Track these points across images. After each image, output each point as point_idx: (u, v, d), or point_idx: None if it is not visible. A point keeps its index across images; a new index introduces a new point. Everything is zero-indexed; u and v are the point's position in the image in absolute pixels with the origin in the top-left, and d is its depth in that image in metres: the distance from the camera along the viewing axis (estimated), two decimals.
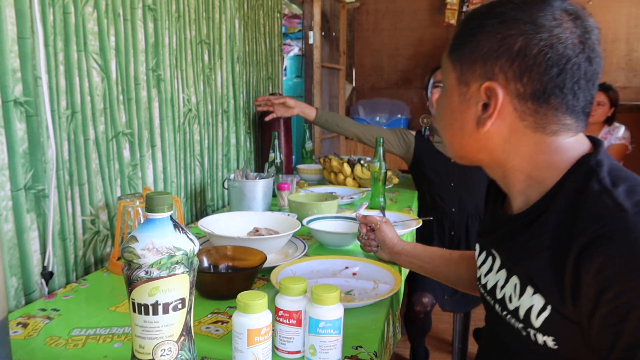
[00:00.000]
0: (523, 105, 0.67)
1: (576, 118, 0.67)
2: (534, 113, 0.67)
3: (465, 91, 0.71)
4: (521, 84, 0.65)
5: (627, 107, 3.80)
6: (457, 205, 2.07)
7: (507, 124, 0.69)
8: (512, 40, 0.65)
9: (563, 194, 0.66)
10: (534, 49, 0.63)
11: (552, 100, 0.65)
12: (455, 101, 0.72)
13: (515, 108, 0.67)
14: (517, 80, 0.65)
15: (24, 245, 0.99)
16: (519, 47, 0.64)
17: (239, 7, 1.98)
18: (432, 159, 2.08)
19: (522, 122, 0.68)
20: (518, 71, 0.65)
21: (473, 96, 0.70)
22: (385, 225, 1.22)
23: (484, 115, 0.69)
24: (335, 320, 0.74)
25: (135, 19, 1.31)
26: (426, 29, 4.50)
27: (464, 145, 0.75)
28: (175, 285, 0.65)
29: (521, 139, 0.69)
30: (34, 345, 0.81)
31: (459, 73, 0.71)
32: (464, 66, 0.70)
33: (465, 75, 0.70)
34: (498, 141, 0.70)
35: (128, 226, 1.17)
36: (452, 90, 0.73)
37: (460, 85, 0.71)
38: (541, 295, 0.65)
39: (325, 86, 3.66)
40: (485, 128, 0.69)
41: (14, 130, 0.96)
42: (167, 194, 0.66)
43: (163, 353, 0.65)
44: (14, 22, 0.95)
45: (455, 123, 0.74)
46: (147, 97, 1.38)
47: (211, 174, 1.82)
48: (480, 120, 0.70)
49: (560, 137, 0.68)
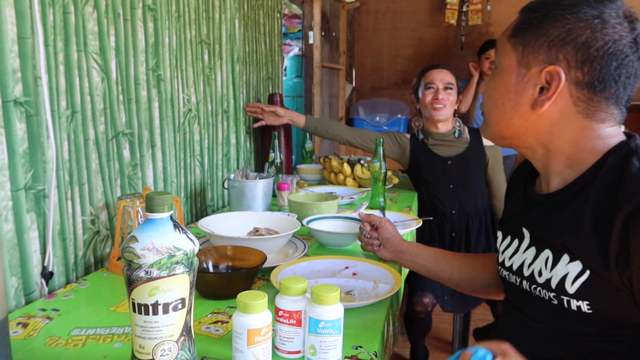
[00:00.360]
0: (579, 92, 0.73)
1: (620, 109, 0.75)
2: (587, 100, 0.73)
3: (524, 73, 0.76)
4: (581, 72, 0.71)
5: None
6: (457, 207, 2.07)
7: (560, 108, 0.74)
8: (579, 32, 0.70)
9: (604, 171, 0.71)
10: (599, 42, 0.70)
11: (606, 91, 0.72)
12: (512, 82, 0.77)
13: (571, 94, 0.73)
14: (578, 68, 0.71)
15: (24, 245, 0.99)
16: (586, 38, 0.70)
17: (239, 7, 1.98)
18: (429, 161, 2.07)
19: (575, 108, 0.74)
20: (581, 60, 0.71)
21: (532, 78, 0.75)
22: (389, 223, 1.22)
23: (541, 98, 0.74)
24: (335, 320, 0.74)
25: (135, 19, 1.31)
26: (426, 29, 4.50)
27: (512, 124, 0.79)
28: (175, 285, 0.65)
29: (570, 123, 0.75)
30: (34, 345, 0.81)
31: (520, 55, 0.76)
32: (527, 49, 0.75)
33: (528, 58, 0.75)
34: (547, 123, 0.76)
35: (128, 226, 1.17)
36: (509, 71, 0.78)
37: (519, 67, 0.76)
38: (580, 262, 0.70)
39: (325, 86, 3.66)
40: (541, 109, 0.75)
41: (14, 130, 0.96)
42: (167, 194, 0.66)
43: (163, 353, 0.65)
44: (14, 22, 0.95)
45: (509, 103, 0.78)
46: (147, 97, 1.38)
47: (211, 174, 1.82)
48: (537, 102, 0.75)
49: (605, 124, 0.75)
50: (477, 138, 2.07)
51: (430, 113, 2.04)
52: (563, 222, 0.74)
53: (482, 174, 2.10)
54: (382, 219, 1.23)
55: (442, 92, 2.01)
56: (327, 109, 3.80)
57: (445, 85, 2.02)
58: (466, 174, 2.05)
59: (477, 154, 2.06)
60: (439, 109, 2.01)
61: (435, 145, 2.08)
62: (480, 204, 2.09)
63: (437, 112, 2.01)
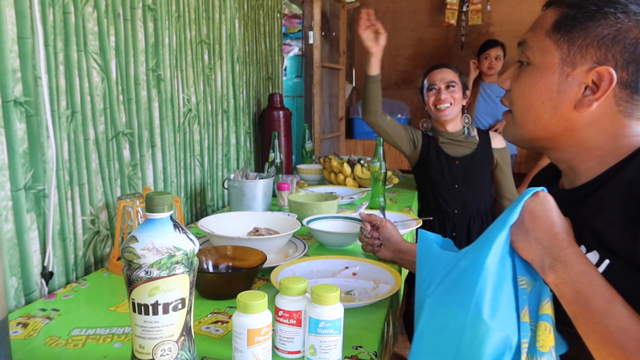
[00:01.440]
0: (622, 92, 0.71)
1: None
2: (630, 99, 0.72)
3: (569, 72, 0.73)
4: (627, 72, 0.70)
5: None
6: (459, 207, 2.07)
7: (601, 108, 0.72)
8: (629, 31, 0.69)
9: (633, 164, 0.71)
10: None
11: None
12: (554, 80, 0.74)
13: (615, 94, 0.71)
14: (624, 68, 0.70)
15: (24, 245, 0.99)
16: (634, 37, 0.69)
17: (239, 7, 1.98)
18: (438, 160, 2.07)
19: (617, 107, 0.72)
20: (628, 60, 0.69)
21: (577, 77, 0.72)
22: (389, 223, 1.22)
23: (587, 98, 0.72)
24: (335, 320, 0.74)
25: (135, 19, 1.31)
26: (426, 29, 4.50)
27: (550, 125, 0.76)
28: (175, 285, 0.65)
29: (610, 122, 0.73)
30: (34, 345, 0.81)
31: (566, 53, 0.73)
32: (573, 47, 0.72)
33: (574, 56, 0.72)
34: (585, 122, 0.74)
35: (128, 226, 1.17)
36: (551, 69, 0.74)
37: (564, 66, 0.73)
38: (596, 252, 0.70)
39: (325, 86, 3.66)
40: (588, 110, 0.72)
41: (14, 130, 0.96)
42: (167, 194, 0.66)
43: (163, 353, 0.65)
44: (14, 22, 0.95)
45: (549, 102, 0.75)
46: (147, 97, 1.38)
47: (211, 174, 1.82)
48: (583, 102, 0.72)
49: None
50: (486, 140, 2.07)
51: (436, 114, 2.04)
52: (583, 211, 0.73)
53: (488, 176, 2.10)
54: (382, 219, 1.23)
55: (444, 92, 2.01)
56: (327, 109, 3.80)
57: (447, 84, 2.02)
58: (472, 175, 2.05)
59: (485, 156, 2.06)
60: (443, 110, 2.01)
61: (445, 143, 2.08)
62: (483, 205, 2.09)
63: (442, 113, 2.02)
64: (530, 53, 0.77)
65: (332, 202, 1.62)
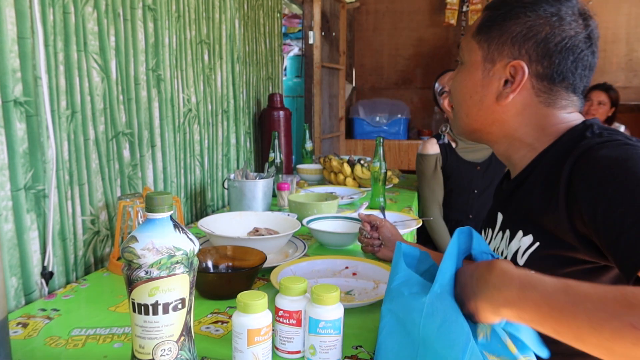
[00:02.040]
0: (540, 84, 0.78)
1: (579, 97, 0.80)
2: (548, 90, 0.78)
3: (490, 68, 0.80)
4: (542, 65, 0.76)
5: (627, 107, 3.80)
6: (474, 212, 2.06)
7: (523, 100, 0.79)
8: (540, 28, 0.75)
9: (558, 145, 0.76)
10: (557, 38, 0.75)
11: (565, 82, 0.77)
12: (478, 76, 0.81)
13: (533, 86, 0.78)
14: (539, 62, 0.76)
15: (24, 245, 0.99)
16: (545, 34, 0.75)
17: (239, 7, 1.98)
18: (458, 169, 2.05)
19: (537, 98, 0.79)
20: (541, 54, 0.76)
21: (497, 72, 0.79)
22: (388, 223, 1.23)
23: (505, 90, 0.79)
24: (335, 320, 0.74)
25: (135, 19, 1.31)
26: (426, 29, 4.50)
27: (479, 117, 0.83)
28: (175, 285, 0.65)
29: (533, 112, 0.79)
30: (34, 345, 0.81)
31: (486, 52, 0.80)
32: (492, 46, 0.79)
33: (492, 54, 0.79)
34: (512, 114, 0.80)
35: (128, 226, 1.17)
36: (475, 66, 0.82)
37: (485, 63, 0.80)
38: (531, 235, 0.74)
39: (325, 86, 3.66)
40: (506, 101, 0.79)
41: (14, 130, 0.96)
42: (167, 194, 0.66)
43: (163, 353, 0.65)
44: (14, 22, 0.95)
45: (475, 96, 0.82)
46: (147, 97, 1.38)
47: (211, 174, 1.82)
48: (502, 94, 0.79)
49: (566, 110, 0.79)
50: None
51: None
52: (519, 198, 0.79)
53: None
54: (381, 219, 1.23)
55: None
56: (327, 109, 3.80)
57: None
58: (491, 178, 2.04)
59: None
60: None
61: (464, 149, 2.06)
62: None
63: None
64: (462, 54, 0.86)
65: (332, 202, 1.62)
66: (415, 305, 0.64)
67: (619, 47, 4.03)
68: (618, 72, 4.04)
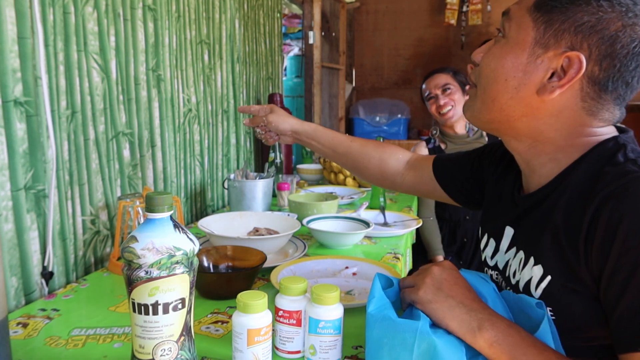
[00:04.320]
0: (589, 88, 0.67)
1: (621, 111, 0.70)
2: (596, 97, 0.67)
3: (540, 53, 0.68)
4: (599, 67, 0.65)
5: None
6: (470, 213, 2.05)
7: (565, 101, 0.68)
8: (610, 22, 0.63)
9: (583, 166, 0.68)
10: (627, 38, 0.63)
11: (616, 92, 0.67)
12: (523, 59, 0.69)
13: (582, 88, 0.67)
14: (598, 62, 0.65)
15: (24, 245, 0.99)
16: (615, 31, 0.63)
17: (239, 7, 1.98)
18: None
19: (582, 103, 0.68)
20: (603, 54, 0.64)
21: (547, 61, 0.67)
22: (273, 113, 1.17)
23: (551, 83, 0.67)
24: (335, 320, 0.74)
25: (135, 19, 1.31)
26: (426, 29, 4.50)
27: (508, 106, 0.72)
28: (175, 285, 0.65)
29: (571, 117, 0.69)
30: (34, 345, 0.81)
31: (541, 34, 0.68)
32: (549, 29, 0.67)
33: (548, 38, 0.67)
34: (546, 112, 0.70)
35: (128, 226, 1.17)
36: (522, 47, 0.69)
37: (535, 46, 0.68)
38: (541, 266, 0.69)
39: (325, 86, 3.66)
40: (550, 96, 0.68)
41: (14, 130, 0.96)
42: (167, 194, 0.66)
43: (163, 353, 0.65)
44: (14, 22, 0.95)
45: (513, 81, 0.71)
46: (147, 97, 1.38)
47: (211, 174, 1.82)
48: (546, 87, 0.68)
49: (603, 123, 0.70)
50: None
51: (442, 120, 2.04)
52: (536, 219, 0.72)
53: None
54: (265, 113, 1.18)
55: (441, 97, 2.01)
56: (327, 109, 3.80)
57: (443, 88, 2.02)
58: None
59: None
60: (446, 113, 2.01)
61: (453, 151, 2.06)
62: None
63: (446, 117, 2.01)
64: (508, 25, 0.73)
65: (332, 202, 1.62)
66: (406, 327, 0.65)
67: None
68: None
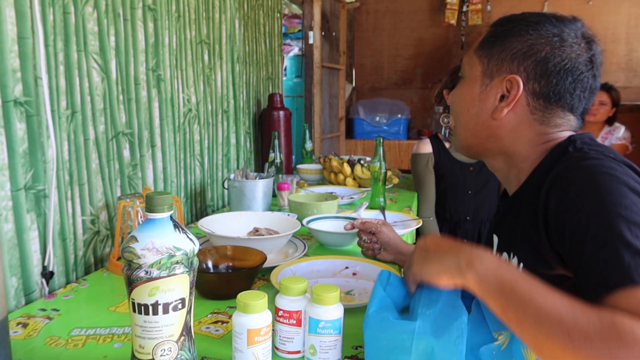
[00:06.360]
0: (535, 102, 0.79)
1: (576, 117, 0.81)
2: (543, 109, 0.79)
3: (488, 82, 0.82)
4: (539, 84, 0.77)
5: (627, 107, 3.80)
6: (471, 213, 2.05)
7: (517, 116, 0.80)
8: (540, 47, 0.77)
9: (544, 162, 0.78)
10: (557, 58, 0.76)
11: (561, 101, 0.78)
12: (477, 90, 0.83)
13: (528, 103, 0.79)
14: (536, 81, 0.77)
15: (24, 245, 0.99)
16: (545, 54, 0.76)
17: (239, 7, 1.98)
18: (452, 169, 2.05)
19: (532, 116, 0.79)
20: (539, 73, 0.77)
21: (494, 88, 0.81)
22: (385, 226, 1.22)
23: (500, 105, 0.80)
24: (335, 320, 0.74)
25: (135, 19, 1.31)
26: (426, 29, 4.50)
27: (476, 131, 0.85)
28: (175, 285, 0.65)
29: (527, 129, 0.80)
30: (34, 345, 0.81)
31: (486, 67, 0.82)
32: (492, 61, 0.81)
33: (492, 69, 0.81)
34: (506, 130, 0.81)
35: (128, 226, 1.17)
36: (474, 80, 0.84)
37: (484, 77, 0.82)
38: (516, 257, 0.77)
39: (325, 86, 3.66)
40: (501, 115, 0.80)
41: (14, 130, 0.96)
42: (167, 194, 0.66)
43: (163, 353, 0.65)
44: (14, 22, 0.95)
45: (473, 109, 0.84)
46: (147, 97, 1.38)
47: (211, 174, 1.82)
48: (497, 108, 0.80)
49: (560, 128, 0.80)
50: None
51: None
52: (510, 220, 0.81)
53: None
54: (378, 224, 1.22)
55: None
56: (327, 109, 3.80)
57: None
58: (485, 179, 2.03)
59: None
60: None
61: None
62: (493, 209, 2.08)
63: None
64: (464, 68, 0.88)
65: (332, 202, 1.62)
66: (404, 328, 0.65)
67: (619, 47, 4.03)
68: (618, 72, 4.04)
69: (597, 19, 4.02)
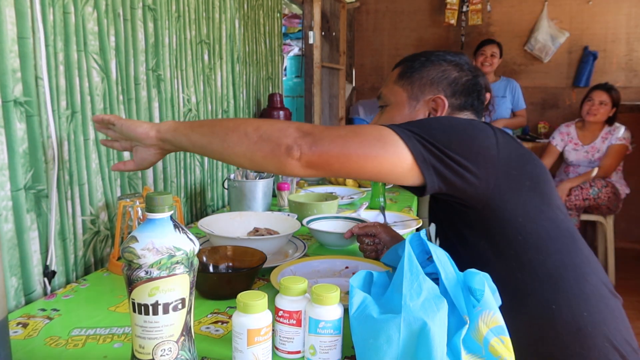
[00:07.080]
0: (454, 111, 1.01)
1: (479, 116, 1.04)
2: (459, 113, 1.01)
3: (414, 104, 1.02)
4: (454, 98, 1.00)
5: (627, 107, 3.80)
6: None
7: None
8: (449, 72, 1.01)
9: None
10: (463, 79, 1.01)
11: (471, 108, 1.02)
12: (406, 112, 1.02)
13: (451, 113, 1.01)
14: (452, 96, 1.00)
15: (24, 245, 0.99)
16: (454, 77, 1.01)
17: (239, 7, 1.98)
18: None
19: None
20: (455, 91, 1.00)
21: (422, 108, 1.01)
22: (382, 227, 1.26)
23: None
24: (335, 320, 0.74)
25: (135, 19, 1.31)
26: (426, 29, 4.50)
27: None
28: (175, 285, 0.65)
29: None
30: (34, 345, 0.81)
31: (410, 92, 1.02)
32: (415, 87, 1.02)
33: (416, 93, 1.02)
34: None
35: (128, 226, 1.17)
36: (402, 104, 1.03)
37: (410, 101, 1.02)
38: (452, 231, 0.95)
39: (325, 86, 3.66)
40: None
41: (14, 130, 0.96)
42: (167, 194, 0.66)
43: (163, 353, 0.65)
44: (14, 22, 0.95)
45: None
46: (147, 97, 1.38)
47: (211, 174, 1.82)
48: None
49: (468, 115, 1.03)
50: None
51: None
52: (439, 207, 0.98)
53: None
54: (376, 227, 1.25)
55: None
56: (327, 109, 3.80)
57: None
58: None
59: None
60: None
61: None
62: None
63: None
64: (387, 98, 1.05)
65: (332, 202, 1.62)
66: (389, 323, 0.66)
67: (619, 47, 4.03)
68: (618, 72, 4.04)
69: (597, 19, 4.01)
